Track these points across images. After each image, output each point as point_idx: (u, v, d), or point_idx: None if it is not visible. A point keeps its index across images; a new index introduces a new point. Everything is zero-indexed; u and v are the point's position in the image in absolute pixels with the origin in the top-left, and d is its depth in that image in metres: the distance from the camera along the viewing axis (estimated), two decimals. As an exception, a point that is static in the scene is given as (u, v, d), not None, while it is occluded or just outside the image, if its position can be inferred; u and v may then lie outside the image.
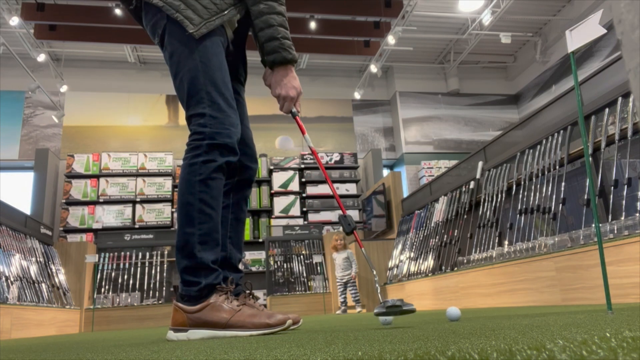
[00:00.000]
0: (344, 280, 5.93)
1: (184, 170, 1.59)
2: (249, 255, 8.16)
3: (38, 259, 5.97)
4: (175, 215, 8.18)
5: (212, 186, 1.57)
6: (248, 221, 8.32)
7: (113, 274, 7.26)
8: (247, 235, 8.23)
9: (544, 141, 3.62)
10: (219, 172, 1.59)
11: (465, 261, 4.25)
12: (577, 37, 1.44)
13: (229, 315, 1.48)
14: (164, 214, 8.16)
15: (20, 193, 8.45)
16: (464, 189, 4.89)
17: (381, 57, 8.60)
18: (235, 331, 1.46)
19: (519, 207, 3.69)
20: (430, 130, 9.65)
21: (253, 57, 1.85)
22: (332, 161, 8.98)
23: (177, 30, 1.62)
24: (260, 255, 8.22)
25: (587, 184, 3.08)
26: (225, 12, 1.65)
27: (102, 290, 7.11)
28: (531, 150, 3.78)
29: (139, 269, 7.37)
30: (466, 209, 4.71)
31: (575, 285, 2.71)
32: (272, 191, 8.62)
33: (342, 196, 8.81)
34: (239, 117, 1.69)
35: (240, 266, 1.78)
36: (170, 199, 8.28)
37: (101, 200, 8.05)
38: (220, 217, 1.64)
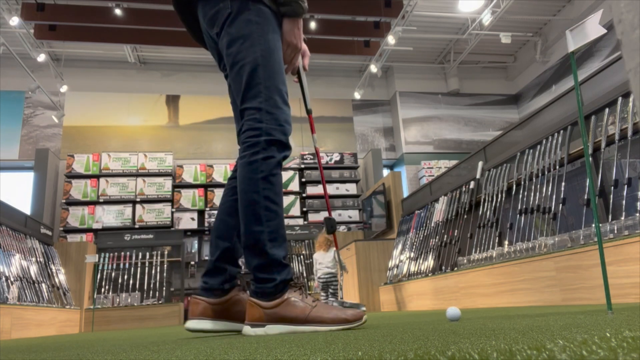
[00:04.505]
0: (327, 281, 5.35)
1: (244, 168, 1.56)
2: (249, 255, 8.14)
3: (38, 259, 5.97)
4: (175, 215, 8.18)
5: (274, 182, 1.56)
6: (248, 221, 8.30)
7: (113, 274, 7.27)
8: (247, 235, 8.21)
9: (544, 141, 3.62)
10: (278, 167, 1.58)
11: (465, 261, 4.25)
12: (577, 37, 1.44)
13: (307, 311, 1.49)
14: (164, 214, 8.16)
15: (20, 193, 8.45)
16: (464, 189, 4.89)
17: (381, 57, 8.60)
18: (314, 326, 1.47)
19: (519, 207, 3.69)
20: (430, 130, 9.65)
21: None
22: (332, 161, 8.98)
23: (246, 14, 1.60)
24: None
25: (587, 184, 3.08)
26: None
27: (102, 290, 7.11)
28: (531, 150, 3.78)
29: (139, 269, 7.37)
30: (466, 209, 4.71)
31: (575, 285, 2.71)
32: (272, 191, 8.62)
33: (342, 196, 8.82)
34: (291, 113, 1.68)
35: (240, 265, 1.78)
36: (170, 199, 8.28)
37: (101, 200, 8.05)
38: (232, 209, 1.65)
